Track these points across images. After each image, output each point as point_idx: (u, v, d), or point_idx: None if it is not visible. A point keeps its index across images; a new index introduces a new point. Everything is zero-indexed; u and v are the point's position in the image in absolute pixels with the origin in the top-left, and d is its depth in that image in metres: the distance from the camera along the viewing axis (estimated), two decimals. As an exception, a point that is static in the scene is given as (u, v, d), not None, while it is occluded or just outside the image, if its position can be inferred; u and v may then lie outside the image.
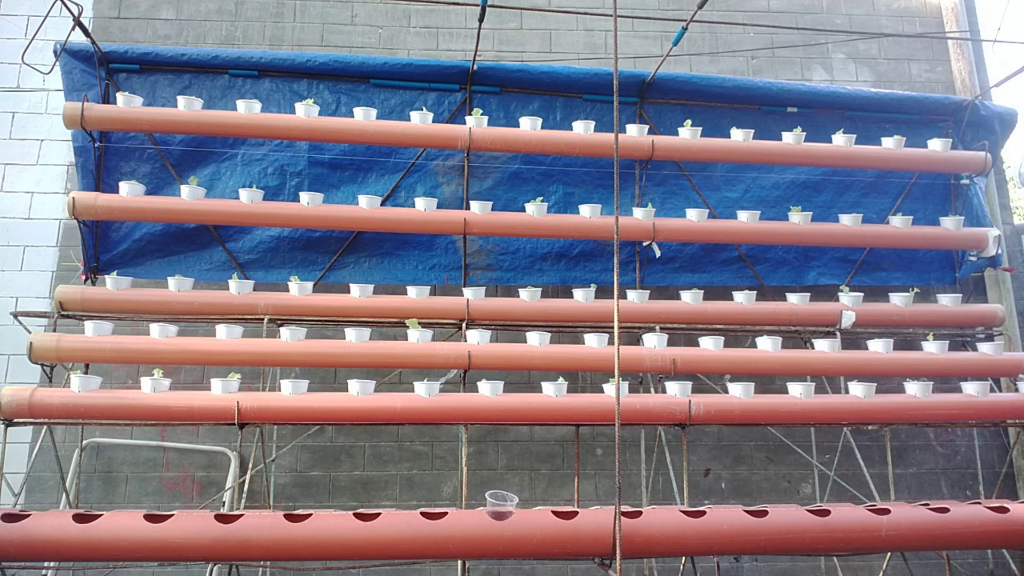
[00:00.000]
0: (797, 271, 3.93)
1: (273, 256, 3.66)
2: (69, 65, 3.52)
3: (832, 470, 3.73)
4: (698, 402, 3.07)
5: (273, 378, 3.54)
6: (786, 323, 3.54)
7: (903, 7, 4.61)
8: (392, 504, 3.64)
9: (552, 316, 3.43)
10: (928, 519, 2.60)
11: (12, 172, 3.89)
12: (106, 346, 3.04)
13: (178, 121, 3.35)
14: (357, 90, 3.76)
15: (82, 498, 3.47)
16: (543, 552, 2.50)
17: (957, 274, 4.01)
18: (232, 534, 2.36)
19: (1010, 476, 3.94)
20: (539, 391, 3.14)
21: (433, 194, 3.72)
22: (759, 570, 3.72)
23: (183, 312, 3.25)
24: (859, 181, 3.98)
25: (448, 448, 3.73)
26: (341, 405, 2.97)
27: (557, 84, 3.79)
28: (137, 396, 2.91)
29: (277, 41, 4.16)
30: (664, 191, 3.87)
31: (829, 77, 4.43)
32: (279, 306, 3.28)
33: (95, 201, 3.29)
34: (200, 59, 3.62)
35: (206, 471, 3.61)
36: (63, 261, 3.78)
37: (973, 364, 3.47)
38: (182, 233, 3.59)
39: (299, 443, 3.62)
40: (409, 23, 4.26)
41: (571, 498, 3.58)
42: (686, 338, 3.58)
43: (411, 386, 3.06)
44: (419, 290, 3.39)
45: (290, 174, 3.69)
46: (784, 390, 3.35)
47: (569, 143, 3.54)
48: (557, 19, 4.31)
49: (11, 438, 3.00)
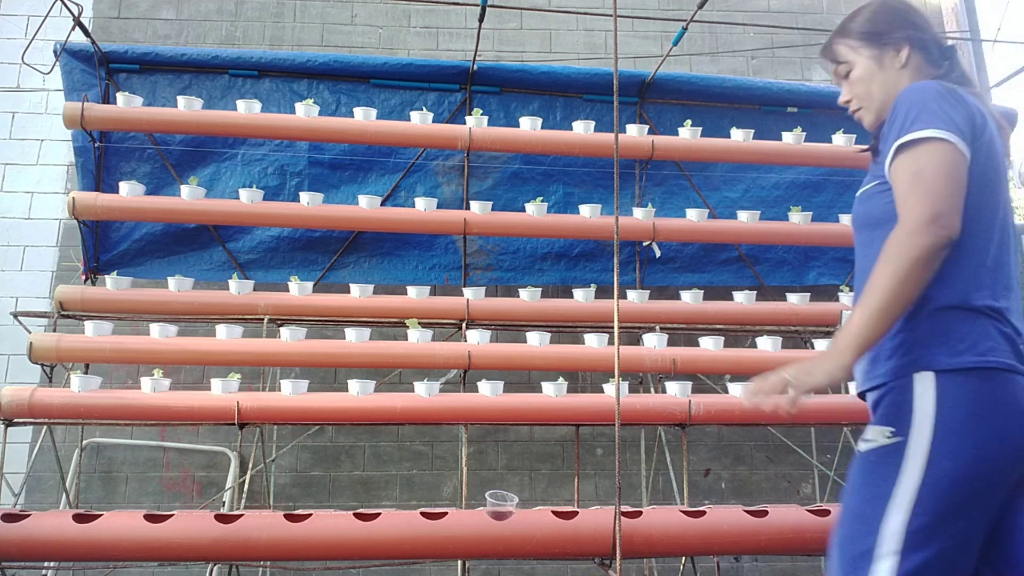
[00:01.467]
0: (797, 271, 3.93)
1: (273, 256, 3.66)
2: (69, 65, 3.52)
3: (832, 470, 3.74)
4: (698, 402, 3.07)
5: (273, 378, 3.54)
6: (786, 323, 3.54)
7: (903, 7, 4.61)
8: (392, 504, 3.64)
9: (552, 316, 3.43)
10: (928, 519, 2.59)
11: (12, 172, 3.89)
12: (106, 346, 3.04)
13: (178, 121, 3.35)
14: (357, 90, 3.76)
15: (82, 498, 3.47)
16: (543, 552, 2.50)
17: (957, 274, 4.01)
18: (232, 534, 2.36)
19: (1010, 476, 3.94)
20: (539, 391, 3.14)
21: (433, 194, 3.72)
22: (759, 570, 3.72)
23: (183, 312, 3.24)
24: (859, 181, 3.95)
25: (448, 448, 3.73)
26: (341, 405, 2.97)
27: (557, 84, 3.79)
28: (137, 396, 2.91)
29: (277, 41, 4.16)
30: (664, 191, 3.87)
31: (829, 77, 4.42)
32: (279, 306, 3.27)
33: (95, 201, 3.29)
34: (200, 59, 3.62)
35: (206, 471, 3.61)
36: (63, 261, 3.78)
37: (973, 364, 3.47)
38: (182, 233, 3.59)
39: (299, 443, 3.62)
40: (409, 23, 4.26)
41: (571, 498, 3.58)
42: (686, 338, 3.58)
43: (411, 386, 3.06)
44: (419, 290, 3.39)
45: (290, 174, 3.68)
46: (784, 390, 3.35)
47: (569, 143, 3.54)
48: (557, 19, 4.31)
49: (11, 438, 2.99)
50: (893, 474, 1.16)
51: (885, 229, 1.25)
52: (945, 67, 1.45)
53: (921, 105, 1.27)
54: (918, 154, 1.23)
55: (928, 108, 1.26)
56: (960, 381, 1.17)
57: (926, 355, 1.20)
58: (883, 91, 1.47)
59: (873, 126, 1.52)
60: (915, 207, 1.19)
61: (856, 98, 1.53)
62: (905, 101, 1.31)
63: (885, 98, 1.46)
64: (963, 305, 1.22)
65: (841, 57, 1.53)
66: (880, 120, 1.49)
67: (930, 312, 1.22)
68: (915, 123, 1.25)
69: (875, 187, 1.39)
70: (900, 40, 1.45)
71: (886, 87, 1.46)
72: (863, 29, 1.50)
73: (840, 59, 1.54)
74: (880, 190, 1.36)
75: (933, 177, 1.19)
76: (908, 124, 1.26)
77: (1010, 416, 1.16)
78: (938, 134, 1.22)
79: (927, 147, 1.23)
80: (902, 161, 1.25)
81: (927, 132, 1.23)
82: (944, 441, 1.13)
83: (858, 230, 1.46)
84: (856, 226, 1.47)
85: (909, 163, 1.24)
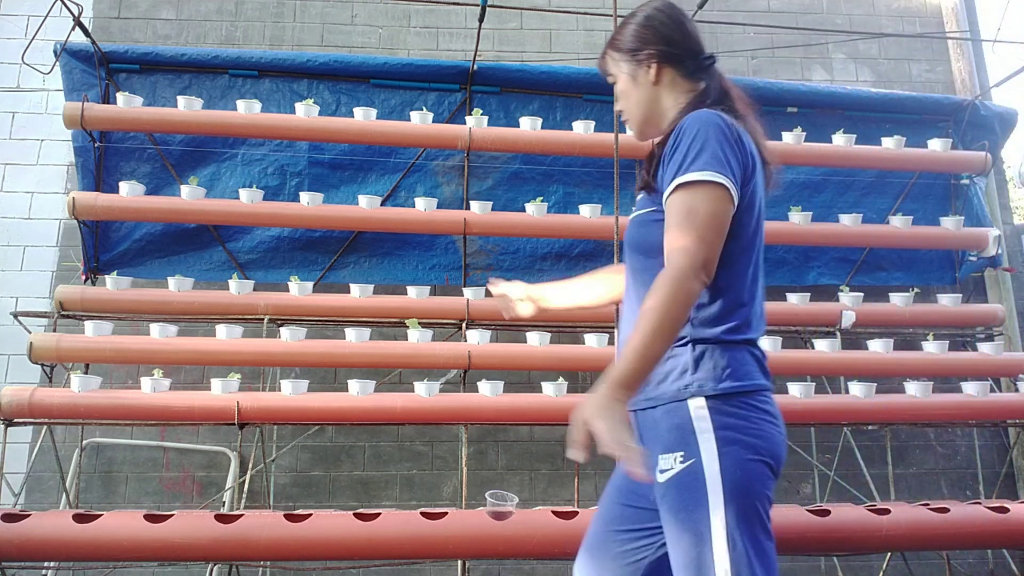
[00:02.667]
0: (797, 271, 3.93)
1: (273, 256, 3.66)
2: (69, 65, 3.52)
3: (832, 470, 3.73)
4: (698, 402, 3.06)
5: (273, 378, 3.54)
6: (786, 323, 3.54)
7: (903, 7, 4.61)
8: (392, 504, 3.64)
9: (552, 316, 3.43)
10: (928, 519, 2.59)
11: (12, 172, 3.89)
12: (106, 346, 3.04)
13: (178, 121, 3.35)
14: (357, 90, 3.76)
15: (82, 498, 3.47)
16: (543, 552, 2.50)
17: (957, 274, 4.01)
18: (232, 534, 2.35)
19: (1010, 476, 3.94)
20: (539, 391, 3.14)
21: (433, 194, 3.72)
22: (759, 570, 3.71)
23: (183, 312, 3.24)
24: (859, 181, 3.98)
25: (448, 448, 3.73)
26: (341, 405, 2.97)
27: (557, 84, 3.79)
28: (137, 396, 2.91)
29: (277, 41, 4.16)
30: (664, 191, 3.87)
31: (829, 77, 4.43)
32: (279, 306, 3.27)
33: (95, 201, 3.29)
34: (200, 59, 3.62)
35: (206, 471, 3.60)
36: (63, 261, 3.78)
37: (973, 364, 3.47)
38: (182, 233, 3.59)
39: (299, 443, 3.62)
40: (409, 23, 4.26)
41: (571, 498, 3.58)
42: (686, 338, 3.57)
43: (411, 386, 3.06)
44: (419, 290, 3.39)
45: (290, 174, 3.68)
46: (784, 390, 3.35)
47: (569, 143, 3.54)
48: (557, 19, 4.31)
49: (11, 438, 2.99)
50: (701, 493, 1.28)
51: (661, 258, 1.32)
52: (704, 83, 1.48)
53: (704, 142, 1.31)
54: (695, 195, 1.29)
55: (710, 146, 1.30)
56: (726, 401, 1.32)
57: (696, 383, 1.32)
58: (640, 107, 1.51)
59: (641, 138, 1.57)
60: (686, 251, 1.26)
61: (623, 111, 1.56)
62: (689, 132, 1.33)
63: (645, 113, 1.51)
64: (724, 339, 1.35)
65: (608, 70, 1.57)
66: (645, 134, 1.54)
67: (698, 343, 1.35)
68: (695, 162, 1.29)
69: (652, 214, 1.41)
70: (650, 57, 1.47)
71: (643, 103, 1.50)
72: (621, 45, 1.52)
73: (607, 72, 1.57)
74: (657, 218, 1.39)
75: (704, 223, 1.27)
76: (689, 161, 1.30)
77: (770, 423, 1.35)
78: (715, 178, 1.28)
79: (704, 190, 1.29)
80: (679, 196, 1.30)
81: (706, 175, 1.28)
82: (728, 453, 1.28)
83: (631, 252, 1.48)
84: (630, 247, 1.48)
85: (685, 201, 1.29)
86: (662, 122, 1.50)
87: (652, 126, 1.52)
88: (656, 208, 1.40)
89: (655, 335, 1.24)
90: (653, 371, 1.30)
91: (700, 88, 1.48)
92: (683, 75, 1.48)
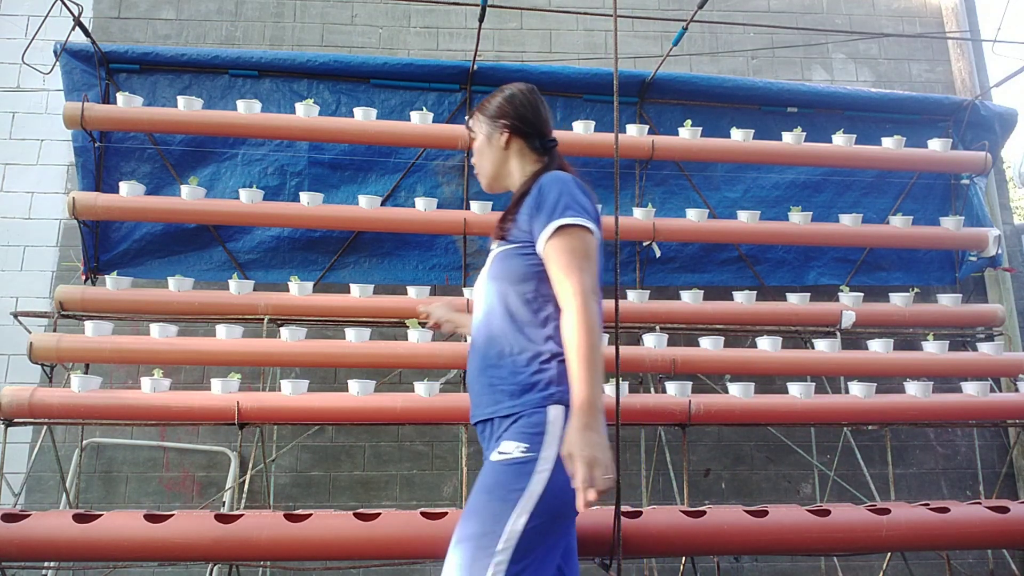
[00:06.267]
0: (797, 271, 3.93)
1: (273, 256, 3.66)
2: (69, 65, 3.52)
3: (832, 470, 3.73)
4: (698, 402, 3.07)
5: (273, 378, 3.54)
6: (786, 323, 3.54)
7: (903, 7, 4.61)
8: (392, 504, 3.64)
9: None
10: (928, 519, 2.59)
11: (12, 172, 3.89)
12: (106, 346, 3.04)
13: (178, 121, 3.35)
14: (357, 90, 3.76)
15: (82, 498, 3.47)
16: (543, 552, 2.49)
17: (957, 274, 4.01)
18: (232, 534, 2.35)
19: (1010, 476, 3.94)
20: (539, 391, 3.14)
21: (433, 194, 3.72)
22: (759, 570, 3.72)
23: (183, 312, 3.24)
24: (859, 181, 3.98)
25: (448, 448, 3.73)
26: (341, 405, 2.97)
27: (557, 84, 3.79)
28: (137, 396, 2.91)
29: (277, 41, 4.16)
30: (664, 191, 3.87)
31: (829, 77, 4.43)
32: (279, 306, 3.27)
33: (95, 201, 3.29)
34: (200, 59, 3.62)
35: (206, 471, 3.61)
36: (63, 261, 3.78)
37: (973, 364, 3.47)
38: (182, 233, 3.59)
39: (299, 443, 3.62)
40: (409, 23, 4.26)
41: (571, 498, 3.57)
42: (686, 338, 3.58)
43: (411, 386, 3.06)
44: (419, 290, 3.39)
45: (290, 174, 3.68)
46: (784, 390, 3.35)
47: (569, 143, 3.54)
48: (557, 19, 4.31)
49: (11, 438, 3.00)
50: (523, 482, 1.44)
51: (526, 285, 1.58)
52: (547, 159, 1.75)
53: (570, 195, 1.57)
54: (571, 238, 1.53)
55: (575, 198, 1.57)
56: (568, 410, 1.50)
57: (557, 393, 1.52)
58: (491, 164, 1.78)
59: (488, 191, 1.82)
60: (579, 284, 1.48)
61: (476, 165, 1.82)
62: (553, 187, 1.59)
63: (493, 171, 1.78)
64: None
65: (472, 127, 1.83)
66: (492, 188, 1.80)
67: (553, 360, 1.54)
68: (567, 210, 1.54)
69: (516, 249, 1.62)
70: (504, 127, 1.74)
71: (493, 162, 1.77)
72: (485, 112, 1.79)
73: (471, 129, 1.83)
74: (521, 252, 1.61)
75: (584, 258, 1.52)
76: (561, 209, 1.54)
77: None
78: (585, 223, 1.54)
79: (578, 232, 1.54)
80: (559, 240, 1.53)
81: (578, 220, 1.53)
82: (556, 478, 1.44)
83: (494, 280, 1.66)
84: (494, 278, 1.66)
85: (565, 243, 1.52)
86: (507, 181, 1.78)
87: (498, 182, 1.79)
88: (520, 244, 1.61)
89: (592, 357, 1.43)
90: None
91: (544, 161, 1.75)
92: (530, 148, 1.76)
